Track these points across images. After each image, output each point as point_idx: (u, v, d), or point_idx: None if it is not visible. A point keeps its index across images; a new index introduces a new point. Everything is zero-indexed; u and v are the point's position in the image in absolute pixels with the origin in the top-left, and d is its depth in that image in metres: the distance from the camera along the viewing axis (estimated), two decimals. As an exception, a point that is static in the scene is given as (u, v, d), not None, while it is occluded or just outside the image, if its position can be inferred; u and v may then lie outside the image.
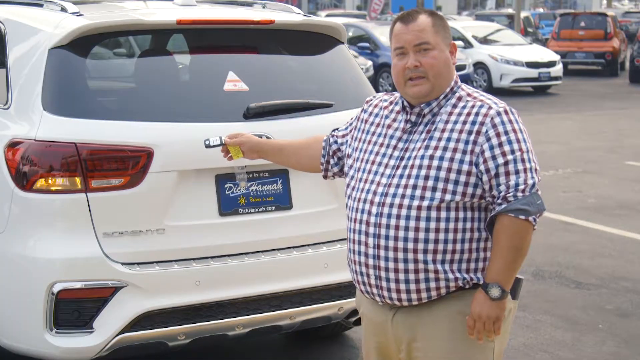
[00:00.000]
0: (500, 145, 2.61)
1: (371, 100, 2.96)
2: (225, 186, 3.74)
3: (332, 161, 3.05)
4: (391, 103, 2.87)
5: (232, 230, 3.75)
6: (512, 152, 2.61)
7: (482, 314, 2.63)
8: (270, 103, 3.88)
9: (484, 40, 20.46)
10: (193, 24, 3.96)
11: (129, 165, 3.56)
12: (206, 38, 4.12)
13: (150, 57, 4.32)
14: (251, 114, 3.80)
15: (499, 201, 2.61)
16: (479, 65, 19.28)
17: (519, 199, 2.59)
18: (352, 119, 3.02)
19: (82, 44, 3.73)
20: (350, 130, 2.98)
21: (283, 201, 3.86)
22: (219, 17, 4.15)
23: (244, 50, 4.21)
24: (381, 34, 18.92)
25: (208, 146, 3.14)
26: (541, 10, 52.89)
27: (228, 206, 3.74)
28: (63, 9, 3.94)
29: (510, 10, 35.08)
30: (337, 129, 3.07)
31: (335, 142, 3.04)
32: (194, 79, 4.20)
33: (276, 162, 3.26)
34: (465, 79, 16.89)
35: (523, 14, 30.37)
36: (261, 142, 3.18)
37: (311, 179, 3.75)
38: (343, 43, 4.32)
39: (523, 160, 2.62)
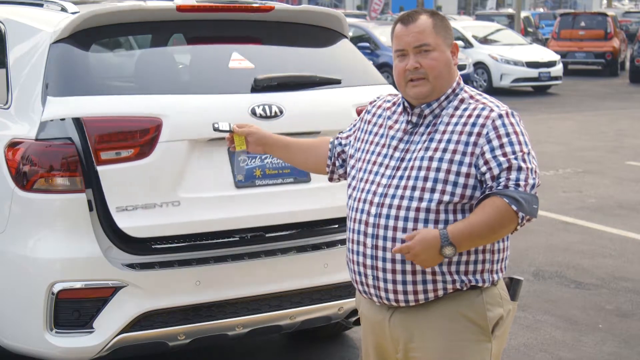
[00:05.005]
0: (502, 146, 2.61)
1: (375, 101, 2.97)
2: (239, 158, 3.69)
3: (337, 163, 3.05)
4: (394, 104, 2.87)
5: (248, 203, 3.71)
6: (514, 152, 2.60)
7: (420, 252, 2.52)
8: (278, 75, 3.88)
9: (484, 40, 20.48)
10: (193, 10, 3.94)
11: (138, 135, 3.53)
12: (207, 26, 4.10)
13: (153, 43, 4.26)
14: (259, 87, 3.80)
15: (499, 188, 2.57)
16: (479, 65, 19.29)
17: (519, 191, 2.56)
18: (355, 120, 3.03)
19: (83, 36, 3.72)
20: (354, 132, 2.98)
21: (301, 173, 3.82)
22: (218, 3, 4.11)
23: (245, 40, 4.19)
24: (381, 34, 18.93)
25: (216, 129, 3.11)
26: (541, 10, 52.92)
27: (244, 178, 3.70)
28: (63, 9, 3.94)
29: (510, 10, 35.08)
30: (342, 132, 3.08)
31: (340, 143, 3.04)
32: (198, 60, 4.20)
33: (281, 158, 3.23)
34: (466, 79, 16.89)
35: (523, 14, 30.40)
36: (267, 136, 3.13)
37: None
38: (346, 37, 4.34)
39: (524, 161, 2.61)
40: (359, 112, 3.94)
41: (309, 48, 4.33)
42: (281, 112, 3.78)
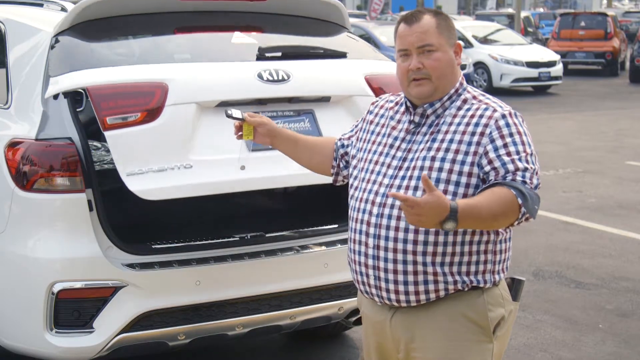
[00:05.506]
0: (505, 146, 2.60)
1: (377, 101, 2.96)
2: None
3: (341, 164, 3.04)
4: (396, 104, 2.87)
5: (262, 165, 3.69)
6: (517, 152, 2.59)
7: (423, 214, 2.41)
8: (283, 44, 3.93)
9: (484, 40, 20.48)
10: None
11: (143, 99, 3.51)
12: (208, 15, 4.11)
13: (155, 27, 4.24)
14: (264, 56, 3.82)
15: (505, 181, 2.55)
16: (479, 65, 19.29)
17: (526, 187, 2.53)
18: (357, 121, 3.02)
19: (84, 26, 3.73)
20: (356, 132, 2.98)
21: (315, 135, 3.78)
22: None
23: (246, 29, 4.19)
24: (381, 34, 18.90)
25: (229, 116, 3.06)
26: (541, 10, 52.92)
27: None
28: (63, 9, 3.95)
29: (510, 10, 35.08)
30: (345, 133, 3.07)
31: (343, 145, 3.03)
32: (201, 39, 4.23)
33: (286, 153, 3.17)
34: (466, 79, 16.86)
35: (523, 14, 30.38)
36: (277, 129, 3.09)
37: (337, 116, 3.77)
38: (347, 29, 4.35)
39: (527, 162, 2.59)
40: (368, 81, 3.96)
41: (311, 37, 4.35)
42: (288, 77, 3.76)
